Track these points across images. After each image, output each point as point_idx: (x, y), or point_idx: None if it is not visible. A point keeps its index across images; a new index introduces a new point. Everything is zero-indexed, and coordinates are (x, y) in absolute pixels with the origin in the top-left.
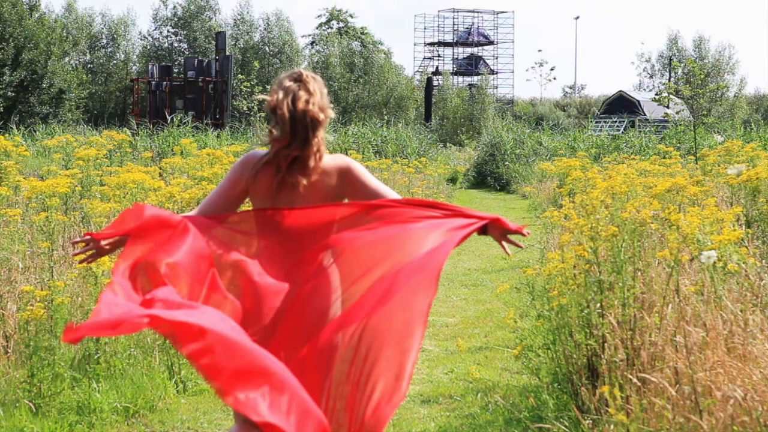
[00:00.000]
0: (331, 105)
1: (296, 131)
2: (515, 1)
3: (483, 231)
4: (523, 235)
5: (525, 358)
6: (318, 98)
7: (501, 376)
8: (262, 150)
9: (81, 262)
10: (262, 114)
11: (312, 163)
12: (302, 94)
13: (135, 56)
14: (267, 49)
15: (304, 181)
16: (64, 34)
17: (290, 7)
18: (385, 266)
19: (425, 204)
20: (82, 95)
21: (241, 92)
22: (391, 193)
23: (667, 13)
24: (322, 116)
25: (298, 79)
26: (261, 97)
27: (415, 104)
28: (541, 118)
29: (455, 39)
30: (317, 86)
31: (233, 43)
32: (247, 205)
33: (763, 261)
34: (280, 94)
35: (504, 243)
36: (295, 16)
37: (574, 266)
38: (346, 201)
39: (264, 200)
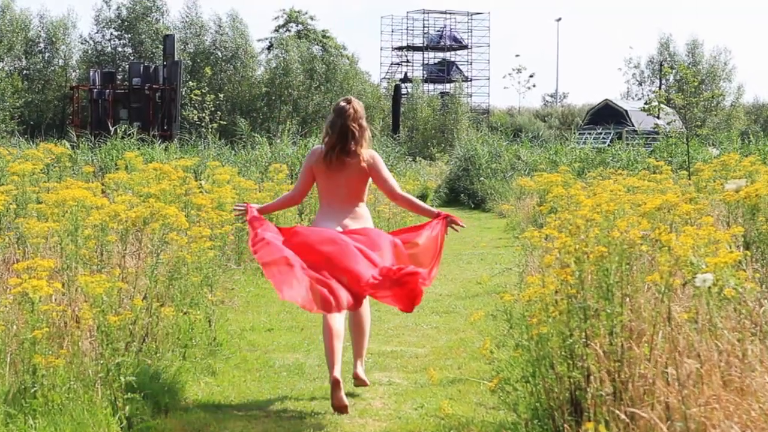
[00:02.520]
0: (365, 120)
1: (345, 134)
2: (491, 1)
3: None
4: (461, 225)
5: (502, 391)
6: (360, 114)
7: (476, 412)
8: (319, 146)
9: (236, 215)
10: (214, 125)
11: (354, 152)
12: (351, 113)
13: (75, 62)
14: (219, 53)
15: (349, 163)
16: None
17: (244, 8)
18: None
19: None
20: (17, 104)
21: (192, 101)
22: (396, 186)
23: (658, 15)
24: (359, 127)
25: (348, 102)
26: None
27: (381, 114)
28: (520, 130)
29: (425, 43)
30: (359, 106)
31: (182, 47)
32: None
33: (763, 286)
34: (337, 113)
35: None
36: (249, 17)
37: (556, 291)
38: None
39: (324, 175)
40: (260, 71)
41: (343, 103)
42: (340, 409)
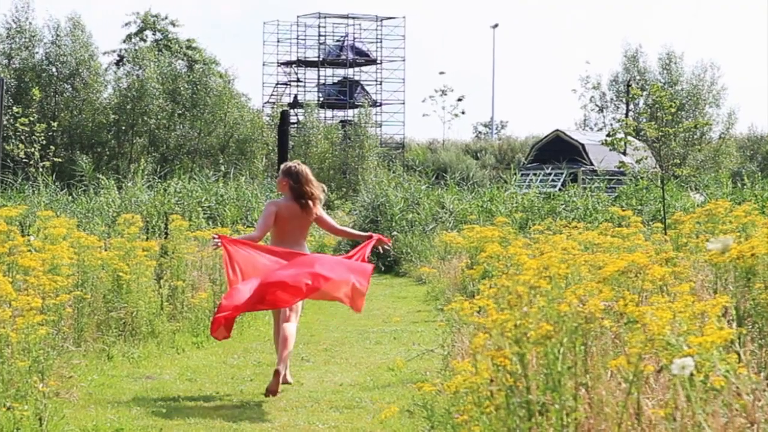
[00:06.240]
0: (322, 184)
1: (301, 190)
2: (407, 3)
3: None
4: (387, 244)
5: None
6: (309, 174)
7: None
8: (277, 198)
9: (215, 248)
10: (46, 163)
11: (309, 204)
12: (302, 170)
13: None
14: (54, 70)
15: (303, 213)
16: None
17: (88, 11)
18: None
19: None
20: None
21: (17, 132)
22: (335, 223)
23: (623, 21)
24: (310, 185)
25: (299, 165)
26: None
27: (264, 149)
28: (444, 170)
29: (321, 56)
30: (306, 168)
31: (5, 62)
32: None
33: (762, 373)
34: (292, 175)
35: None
36: (94, 23)
37: (491, 380)
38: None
39: (284, 221)
40: (107, 93)
41: (290, 166)
42: (272, 393)
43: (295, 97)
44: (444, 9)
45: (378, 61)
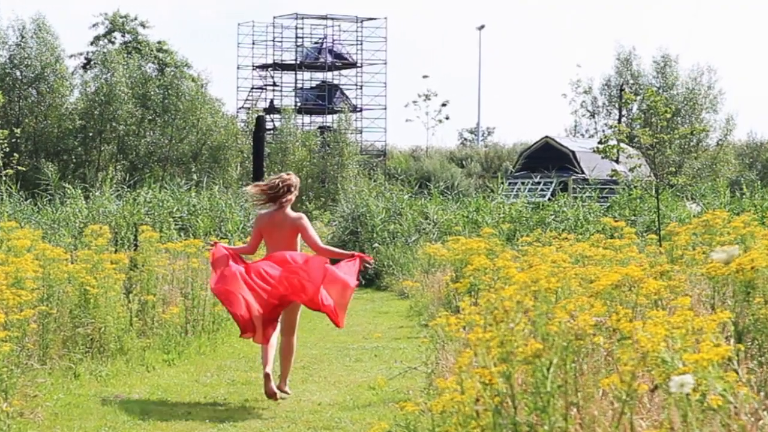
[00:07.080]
0: (295, 188)
1: (279, 201)
2: (388, 4)
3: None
4: (368, 261)
5: None
6: (294, 185)
7: None
8: (263, 210)
9: (209, 248)
10: (9, 172)
11: (285, 214)
12: (285, 182)
13: None
14: (18, 73)
15: (283, 222)
16: None
17: (53, 13)
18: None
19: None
20: None
21: None
22: (318, 240)
23: (616, 22)
24: (288, 196)
25: (288, 174)
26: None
27: (239, 157)
28: (428, 178)
29: (299, 59)
30: (294, 179)
31: None
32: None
33: (761, 392)
34: (272, 186)
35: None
36: (60, 25)
37: (478, 399)
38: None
39: (267, 232)
40: (74, 98)
41: (284, 175)
42: (271, 396)
43: (271, 101)
44: (427, 9)
45: (358, 64)
